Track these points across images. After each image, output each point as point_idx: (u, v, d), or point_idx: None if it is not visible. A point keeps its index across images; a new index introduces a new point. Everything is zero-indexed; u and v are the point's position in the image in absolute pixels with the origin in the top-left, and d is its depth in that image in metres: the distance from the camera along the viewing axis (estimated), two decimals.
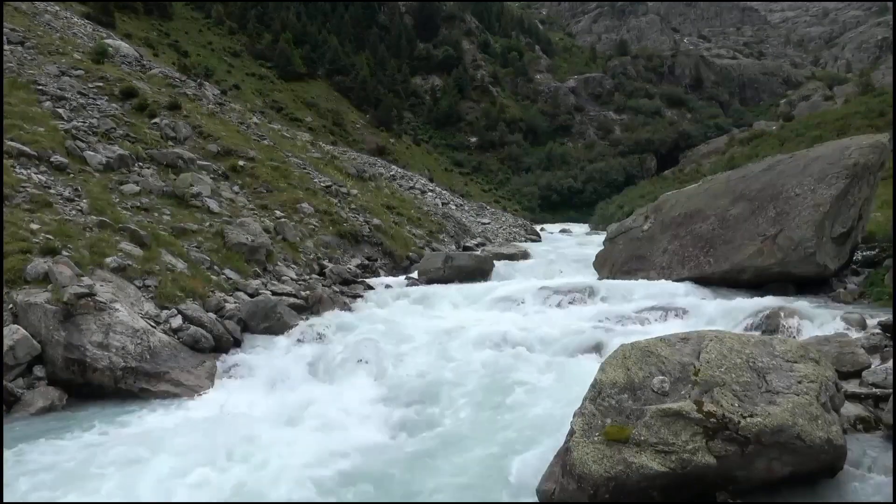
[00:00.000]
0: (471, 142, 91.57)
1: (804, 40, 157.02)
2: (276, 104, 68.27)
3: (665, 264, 11.13)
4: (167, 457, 5.53)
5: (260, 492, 4.96)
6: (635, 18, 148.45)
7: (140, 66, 20.95)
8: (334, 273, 12.71)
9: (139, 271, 8.95)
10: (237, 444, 5.78)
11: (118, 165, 12.33)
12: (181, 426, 6.35)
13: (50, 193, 10.17)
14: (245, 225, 12.06)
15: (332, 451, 5.69)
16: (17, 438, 5.96)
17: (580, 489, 4.27)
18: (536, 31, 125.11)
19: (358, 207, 17.63)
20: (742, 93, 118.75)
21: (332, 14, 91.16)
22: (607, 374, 4.72)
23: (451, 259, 13.75)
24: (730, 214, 10.51)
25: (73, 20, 24.28)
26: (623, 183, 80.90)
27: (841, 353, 6.08)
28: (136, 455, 5.60)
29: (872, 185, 10.37)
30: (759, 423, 4.15)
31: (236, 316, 9.08)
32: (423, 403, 6.69)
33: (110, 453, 5.62)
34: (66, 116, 13.30)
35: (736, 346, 4.71)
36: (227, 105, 23.66)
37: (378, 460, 5.56)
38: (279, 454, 5.57)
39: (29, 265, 7.89)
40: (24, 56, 16.06)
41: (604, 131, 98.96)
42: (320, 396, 7.18)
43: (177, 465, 5.35)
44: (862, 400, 5.43)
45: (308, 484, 5.05)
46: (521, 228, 38.24)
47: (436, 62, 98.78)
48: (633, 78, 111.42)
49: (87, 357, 7.10)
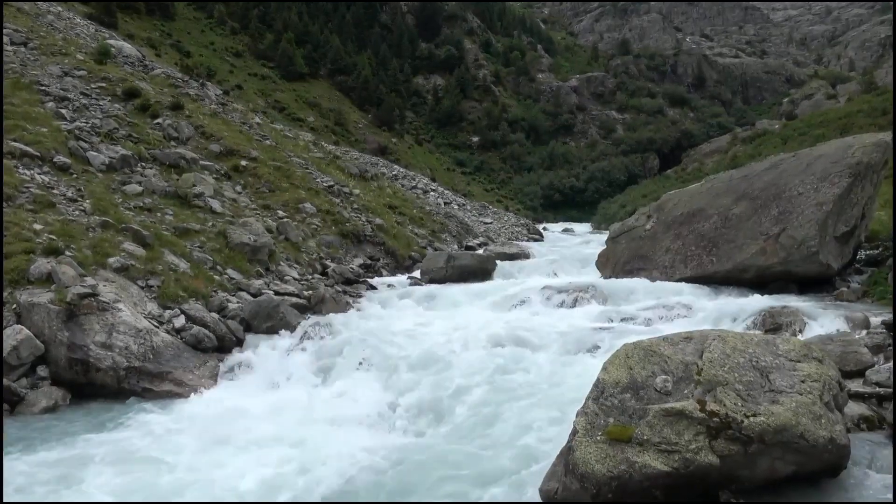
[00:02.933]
0: (473, 141, 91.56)
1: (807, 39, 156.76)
2: (278, 104, 68.30)
3: (667, 264, 11.11)
4: (169, 456, 5.54)
5: (261, 491, 4.96)
6: (637, 17, 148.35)
7: (142, 67, 20.97)
8: (337, 273, 12.71)
9: (142, 271, 8.97)
10: (239, 444, 5.78)
11: (121, 166, 12.35)
12: (184, 425, 6.36)
13: (53, 194, 10.19)
14: (247, 225, 12.07)
15: (333, 450, 5.69)
16: (21, 438, 5.98)
17: (583, 488, 4.26)
18: (538, 31, 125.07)
19: (360, 207, 17.63)
20: (744, 92, 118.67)
21: (333, 14, 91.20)
22: (610, 374, 4.72)
23: (454, 259, 13.74)
24: (732, 213, 10.48)
25: (75, 21, 24.32)
26: (625, 182, 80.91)
27: (844, 353, 6.07)
28: (139, 454, 5.61)
29: (875, 183, 10.35)
30: (762, 423, 4.14)
31: (239, 316, 9.09)
32: (424, 402, 6.68)
33: (113, 453, 5.63)
34: (69, 117, 13.33)
35: (739, 346, 4.70)
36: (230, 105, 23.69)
37: (380, 459, 5.56)
38: (280, 454, 5.58)
39: (32, 265, 7.90)
40: (27, 57, 16.09)
41: (606, 130, 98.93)
42: (323, 396, 7.19)
43: (180, 464, 5.36)
44: (865, 399, 5.42)
45: (308, 483, 5.05)
46: (524, 228, 38.23)
47: (438, 62, 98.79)
48: (635, 77, 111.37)
49: (90, 357, 7.12)
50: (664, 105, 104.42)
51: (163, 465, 5.38)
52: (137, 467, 5.34)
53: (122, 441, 5.96)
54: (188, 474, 5.19)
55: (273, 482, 5.08)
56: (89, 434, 6.15)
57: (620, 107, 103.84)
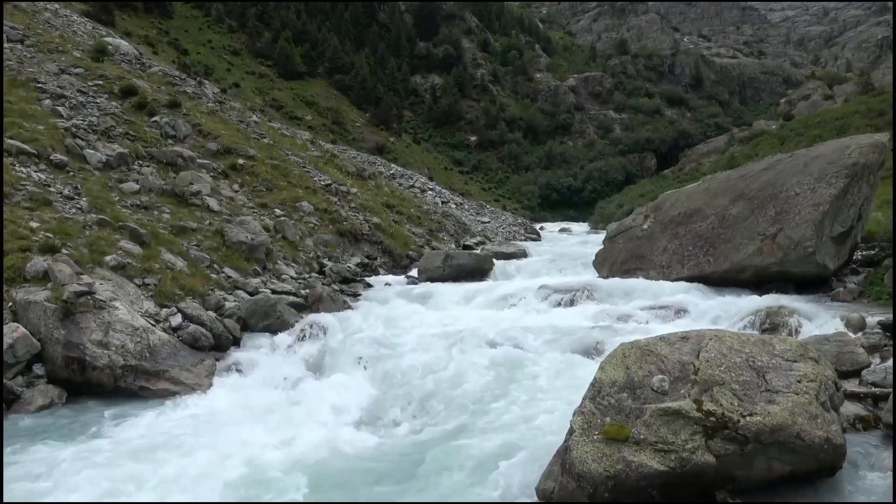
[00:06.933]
0: (470, 140, 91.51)
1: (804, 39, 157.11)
2: (276, 102, 68.19)
3: (665, 263, 11.13)
4: (165, 454, 5.53)
5: (258, 490, 4.96)
6: (635, 17, 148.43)
7: (139, 65, 20.93)
8: (334, 271, 12.71)
9: (139, 270, 8.95)
10: (235, 441, 5.78)
11: (118, 164, 12.32)
12: (180, 424, 6.36)
13: (49, 192, 10.16)
14: (245, 223, 12.06)
15: (330, 448, 5.69)
16: (17, 436, 5.96)
17: (579, 488, 4.27)
18: (536, 30, 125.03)
19: (358, 206, 17.62)
20: (742, 92, 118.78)
21: (331, 12, 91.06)
22: (607, 373, 4.72)
23: (451, 258, 13.75)
24: (729, 214, 10.50)
25: (72, 18, 24.24)
26: (623, 182, 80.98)
27: (840, 353, 6.08)
28: (135, 453, 5.59)
29: (872, 184, 10.37)
30: (758, 423, 4.15)
31: (236, 314, 9.08)
32: (421, 401, 6.68)
33: (109, 451, 5.62)
34: (66, 114, 13.29)
35: (735, 346, 4.71)
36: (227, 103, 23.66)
37: (376, 458, 5.56)
38: (277, 452, 5.57)
39: (28, 263, 7.88)
40: (24, 54, 16.05)
41: (603, 130, 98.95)
42: (320, 394, 7.18)
43: (175, 463, 5.35)
44: (861, 399, 5.44)
45: (306, 482, 5.05)
46: (521, 227, 38.28)
47: (435, 61, 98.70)
48: (632, 77, 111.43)
49: (86, 355, 7.10)
50: (662, 105, 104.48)
51: (158, 463, 5.37)
52: (133, 466, 5.32)
53: (118, 440, 5.94)
54: (183, 473, 5.17)
55: (268, 480, 5.07)
56: (85, 433, 6.14)
57: (618, 106, 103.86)
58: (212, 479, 5.05)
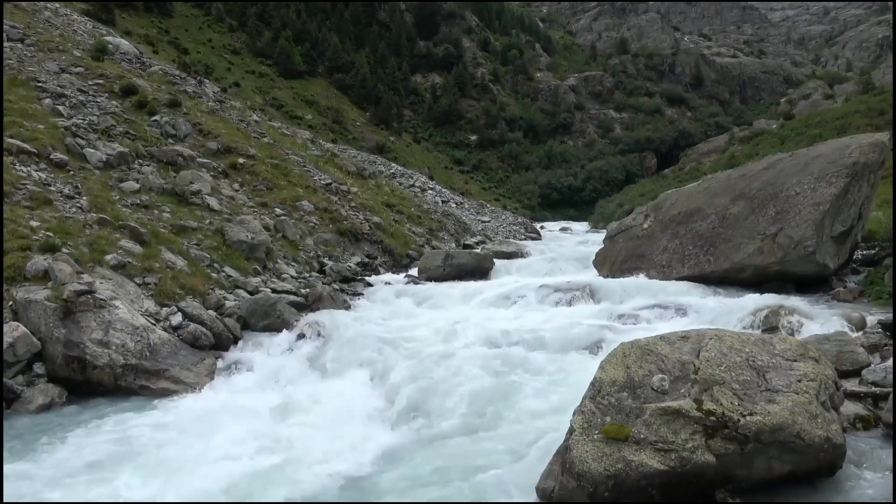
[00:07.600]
0: (471, 140, 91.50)
1: (804, 39, 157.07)
2: (276, 102, 68.17)
3: (665, 263, 11.12)
4: (166, 454, 5.53)
5: (258, 490, 4.96)
6: (636, 17, 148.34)
7: (140, 64, 20.93)
8: (334, 271, 12.71)
9: (139, 269, 8.95)
10: (234, 441, 5.78)
11: (118, 163, 12.32)
12: (180, 423, 6.35)
13: (50, 191, 10.17)
14: (245, 223, 12.06)
15: (329, 448, 5.69)
16: (17, 436, 5.96)
17: (580, 487, 4.27)
18: (537, 30, 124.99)
19: (358, 205, 17.62)
20: (742, 91, 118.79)
21: (332, 12, 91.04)
22: (607, 373, 4.72)
23: (451, 257, 13.75)
24: (730, 213, 10.50)
25: (72, 17, 24.23)
26: (623, 181, 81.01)
27: (840, 352, 6.08)
28: (135, 452, 5.60)
29: (873, 183, 10.36)
30: (758, 422, 4.15)
31: (236, 314, 9.08)
32: (421, 401, 6.67)
33: (109, 450, 5.62)
34: (66, 114, 13.29)
35: (735, 345, 4.71)
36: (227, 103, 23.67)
37: (376, 457, 5.56)
38: (276, 452, 5.57)
39: (29, 262, 7.88)
40: (24, 53, 16.04)
41: (604, 130, 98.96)
42: (319, 394, 7.17)
43: (175, 463, 5.35)
44: (861, 398, 5.43)
45: (303, 481, 5.05)
46: (521, 227, 38.29)
47: (436, 60, 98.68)
48: (633, 76, 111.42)
49: (86, 354, 7.10)
50: (662, 104, 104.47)
51: (158, 462, 5.37)
52: (133, 465, 5.33)
53: (118, 439, 5.94)
54: (183, 471, 5.18)
55: (267, 479, 5.08)
56: (85, 432, 6.14)
57: (618, 106, 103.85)
58: (211, 479, 5.06)
